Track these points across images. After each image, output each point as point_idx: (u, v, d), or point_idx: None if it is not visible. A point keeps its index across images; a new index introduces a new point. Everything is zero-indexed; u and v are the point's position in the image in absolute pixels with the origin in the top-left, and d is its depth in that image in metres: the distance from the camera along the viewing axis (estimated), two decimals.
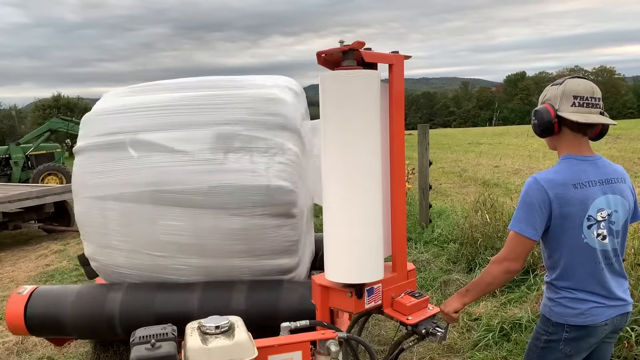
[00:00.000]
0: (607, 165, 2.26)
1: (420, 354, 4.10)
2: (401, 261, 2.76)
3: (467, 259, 5.95)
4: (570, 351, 2.23)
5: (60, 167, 15.66)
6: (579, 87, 2.16)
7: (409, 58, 2.67)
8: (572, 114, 2.14)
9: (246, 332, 2.06)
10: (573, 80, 2.20)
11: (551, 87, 2.26)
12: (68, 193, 9.64)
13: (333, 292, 2.64)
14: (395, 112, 2.60)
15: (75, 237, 9.48)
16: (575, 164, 2.19)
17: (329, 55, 2.50)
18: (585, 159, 2.21)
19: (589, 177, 2.17)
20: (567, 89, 2.17)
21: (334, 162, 2.46)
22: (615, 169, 2.29)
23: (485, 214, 6.20)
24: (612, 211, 2.19)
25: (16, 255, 8.62)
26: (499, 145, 24.25)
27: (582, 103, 2.15)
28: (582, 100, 2.15)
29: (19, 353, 4.64)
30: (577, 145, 2.22)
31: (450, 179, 14.61)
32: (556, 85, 2.23)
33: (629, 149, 18.59)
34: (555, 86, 2.23)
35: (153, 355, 1.84)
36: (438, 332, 2.54)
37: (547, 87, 2.30)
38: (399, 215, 2.69)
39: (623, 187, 2.25)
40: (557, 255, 2.22)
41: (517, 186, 10.55)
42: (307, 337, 2.29)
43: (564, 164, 2.21)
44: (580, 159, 2.20)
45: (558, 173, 2.18)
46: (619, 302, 2.23)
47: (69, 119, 18.58)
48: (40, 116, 45.10)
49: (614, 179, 2.23)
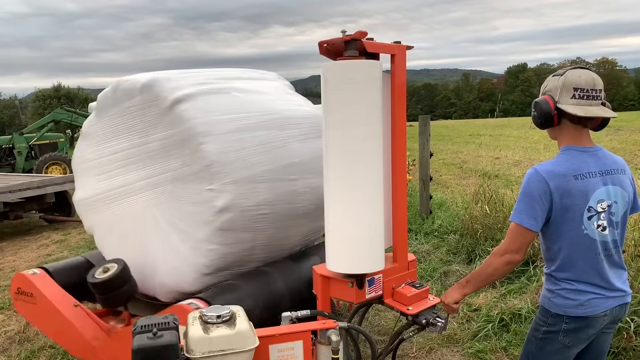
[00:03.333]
0: (608, 157, 2.26)
1: (420, 344, 4.12)
2: (402, 252, 2.77)
3: (467, 250, 5.96)
4: (569, 342, 2.24)
5: (63, 157, 15.68)
6: (579, 79, 2.14)
7: (411, 48, 2.66)
8: (571, 107, 2.13)
9: (247, 322, 2.07)
10: (574, 72, 2.17)
11: (552, 77, 2.24)
12: (69, 183, 9.65)
13: (334, 282, 2.65)
14: (397, 103, 2.60)
15: (76, 227, 9.51)
16: (576, 155, 2.19)
17: (331, 45, 2.50)
18: (586, 150, 2.20)
19: (589, 168, 2.16)
20: (568, 80, 2.15)
21: (335, 153, 2.46)
22: (616, 160, 2.28)
23: (485, 205, 6.21)
24: (612, 202, 2.19)
25: (17, 245, 8.64)
26: (499, 137, 24.17)
27: (583, 95, 2.13)
28: (583, 92, 2.13)
29: (21, 342, 4.66)
30: (578, 137, 2.21)
31: (451, 170, 14.59)
32: (557, 76, 2.21)
33: (630, 141, 18.55)
34: (556, 77, 2.21)
35: (155, 344, 1.85)
36: (438, 322, 2.56)
37: (548, 77, 2.28)
38: (400, 206, 2.70)
39: (623, 178, 2.25)
40: (557, 247, 2.22)
41: (517, 178, 10.54)
42: (308, 326, 2.30)
43: (565, 155, 2.20)
44: (580, 150, 2.20)
45: (559, 164, 2.18)
46: (618, 292, 2.24)
47: (72, 110, 18.62)
48: (41, 106, 45.02)
49: (614, 170, 2.22)
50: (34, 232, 9.62)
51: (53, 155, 15.65)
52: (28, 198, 9.41)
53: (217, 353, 1.93)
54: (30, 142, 16.94)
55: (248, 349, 1.98)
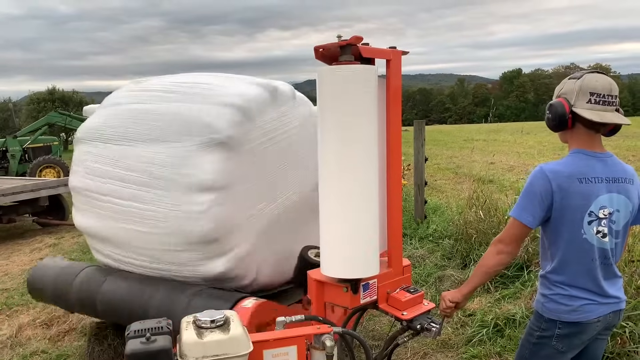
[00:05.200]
0: (617, 164, 2.23)
1: (415, 349, 4.12)
2: (397, 257, 2.77)
3: (461, 255, 5.97)
4: (563, 347, 2.24)
5: (57, 160, 15.63)
6: (596, 84, 2.12)
7: (407, 54, 2.67)
8: (587, 111, 2.10)
9: (241, 327, 2.06)
10: (591, 76, 2.15)
11: (568, 80, 2.21)
12: (63, 187, 9.61)
13: (329, 287, 2.64)
14: (392, 108, 2.60)
15: (70, 231, 9.46)
16: (584, 158, 2.17)
17: (326, 50, 2.50)
18: (595, 155, 2.19)
19: (595, 173, 2.15)
20: (585, 84, 2.13)
21: (330, 158, 2.46)
22: (625, 169, 2.25)
23: (479, 210, 6.22)
24: (614, 210, 2.17)
25: (10, 249, 8.59)
26: (494, 142, 24.29)
27: (599, 100, 2.11)
28: (599, 98, 2.11)
29: (13, 346, 4.62)
30: (589, 141, 2.19)
31: (446, 175, 14.63)
32: (573, 80, 2.18)
33: (624, 147, 18.66)
34: (573, 80, 2.18)
35: (148, 349, 1.84)
36: (433, 327, 2.56)
37: (564, 79, 2.25)
38: (395, 211, 2.70)
39: (630, 188, 2.22)
40: (555, 248, 2.22)
41: (511, 183, 10.56)
42: (302, 331, 2.29)
43: (573, 157, 2.19)
44: (589, 154, 2.18)
45: (565, 165, 2.17)
46: (612, 299, 2.24)
47: (67, 113, 18.56)
48: (35, 109, 44.78)
49: (621, 179, 2.20)
50: (27, 236, 9.57)
51: (47, 158, 15.61)
52: (21, 201, 9.35)
53: (210, 358, 1.92)
54: (24, 146, 16.90)
55: (242, 354, 1.97)
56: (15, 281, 6.69)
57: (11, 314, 5.45)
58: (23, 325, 5.05)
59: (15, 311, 5.52)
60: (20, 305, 5.70)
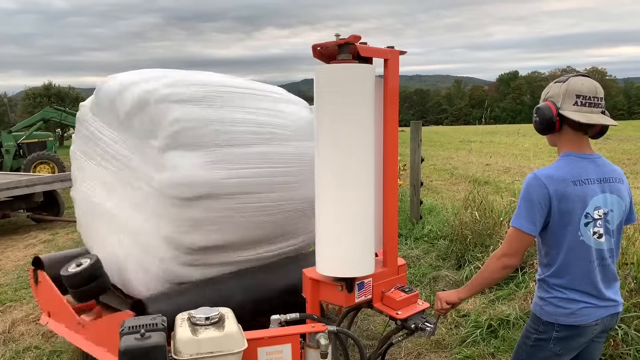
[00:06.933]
0: (607, 165, 2.26)
1: (409, 349, 4.12)
2: (392, 256, 2.77)
3: (456, 255, 5.98)
4: (560, 350, 2.25)
5: (52, 156, 15.57)
6: (582, 87, 2.15)
7: (405, 53, 2.67)
8: (573, 113, 2.13)
9: (236, 324, 2.06)
10: (577, 79, 2.18)
11: (554, 84, 2.24)
12: (58, 182, 9.57)
13: (324, 286, 2.64)
14: (389, 107, 2.60)
15: (64, 227, 9.42)
16: (576, 160, 2.19)
17: (324, 48, 2.50)
18: (585, 157, 2.21)
19: (588, 175, 2.17)
20: (570, 87, 2.15)
21: (327, 156, 2.46)
22: (614, 169, 2.28)
23: (475, 211, 6.23)
24: (609, 210, 2.19)
25: (4, 244, 8.55)
26: (490, 143, 24.32)
27: (585, 102, 2.14)
28: (585, 100, 2.14)
29: (6, 342, 4.60)
30: (578, 143, 2.21)
31: (442, 176, 14.65)
32: (559, 83, 2.21)
33: (619, 150, 18.74)
34: (559, 84, 2.21)
35: (142, 345, 1.83)
36: (427, 327, 2.56)
37: (550, 83, 2.28)
38: (391, 211, 2.70)
39: (621, 187, 2.25)
40: (555, 252, 2.22)
41: (507, 184, 10.59)
42: (297, 330, 2.30)
43: (564, 161, 2.21)
44: (580, 156, 2.20)
45: (558, 169, 2.18)
46: (610, 302, 2.25)
47: (62, 108, 18.47)
48: (31, 104, 44.63)
49: (612, 179, 2.23)
50: (22, 232, 9.53)
51: (41, 154, 15.54)
52: (16, 197, 9.32)
53: (205, 355, 1.92)
54: (19, 141, 16.81)
55: (236, 352, 1.97)
56: (8, 277, 6.67)
57: (4, 310, 5.43)
58: (16, 321, 5.03)
59: (9, 307, 5.50)
60: (13, 300, 5.68)
